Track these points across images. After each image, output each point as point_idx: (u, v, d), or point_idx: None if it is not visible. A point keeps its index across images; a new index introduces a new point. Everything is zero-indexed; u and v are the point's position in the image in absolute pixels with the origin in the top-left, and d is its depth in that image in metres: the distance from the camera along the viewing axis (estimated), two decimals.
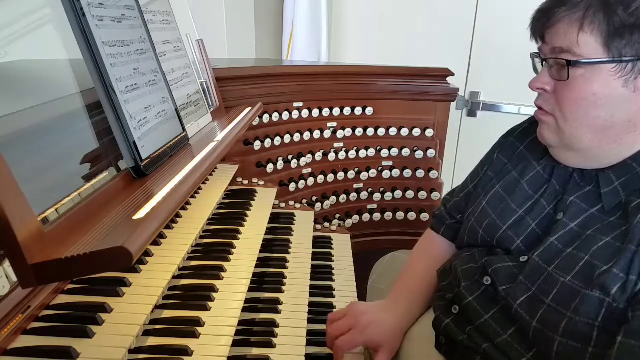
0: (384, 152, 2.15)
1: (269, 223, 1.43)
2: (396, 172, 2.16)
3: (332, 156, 2.09)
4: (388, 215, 2.18)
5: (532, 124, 1.13)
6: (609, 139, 0.90)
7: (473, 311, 1.01)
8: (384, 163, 2.16)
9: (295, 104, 1.99)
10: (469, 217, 1.16)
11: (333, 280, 1.38)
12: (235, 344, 0.95)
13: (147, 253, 1.05)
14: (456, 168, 3.08)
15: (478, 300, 1.01)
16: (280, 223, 1.57)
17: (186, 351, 0.84)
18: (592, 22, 0.86)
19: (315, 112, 2.04)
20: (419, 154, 2.16)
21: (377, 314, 1.12)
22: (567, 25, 0.89)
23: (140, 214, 0.80)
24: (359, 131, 2.14)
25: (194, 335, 0.89)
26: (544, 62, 0.96)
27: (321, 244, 1.57)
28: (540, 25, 0.94)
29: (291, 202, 1.76)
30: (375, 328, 1.08)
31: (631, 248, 0.80)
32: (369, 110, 2.15)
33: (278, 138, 1.94)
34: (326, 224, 1.72)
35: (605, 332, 0.81)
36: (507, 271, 0.98)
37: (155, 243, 1.10)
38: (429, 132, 2.18)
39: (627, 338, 0.76)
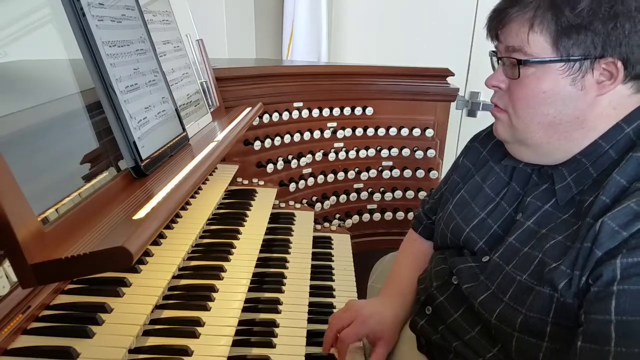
0: (384, 152, 2.16)
1: (269, 223, 1.44)
2: (396, 172, 2.16)
3: (332, 156, 2.09)
4: (388, 215, 2.18)
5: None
6: (559, 135, 0.93)
7: (444, 311, 1.05)
8: (384, 163, 2.16)
9: (295, 104, 1.99)
10: (439, 221, 1.19)
11: (333, 280, 1.39)
12: (235, 344, 0.95)
13: (147, 253, 1.05)
14: None
15: (448, 299, 1.05)
16: (280, 223, 1.57)
17: (186, 351, 0.84)
18: (542, 22, 0.88)
19: (315, 112, 2.04)
20: (419, 154, 2.16)
21: (376, 307, 1.14)
22: (519, 25, 0.91)
23: (140, 214, 0.80)
24: (359, 131, 2.14)
25: (194, 335, 0.89)
26: (499, 61, 0.98)
27: (321, 244, 1.57)
28: (495, 24, 0.96)
29: (291, 202, 1.76)
30: (376, 319, 1.11)
31: (577, 245, 0.83)
32: (369, 110, 2.15)
33: (278, 138, 1.94)
34: (326, 224, 1.72)
35: (558, 326, 0.84)
36: (469, 271, 1.02)
37: (155, 243, 1.10)
38: (429, 132, 2.18)
39: (586, 342, 0.78)
